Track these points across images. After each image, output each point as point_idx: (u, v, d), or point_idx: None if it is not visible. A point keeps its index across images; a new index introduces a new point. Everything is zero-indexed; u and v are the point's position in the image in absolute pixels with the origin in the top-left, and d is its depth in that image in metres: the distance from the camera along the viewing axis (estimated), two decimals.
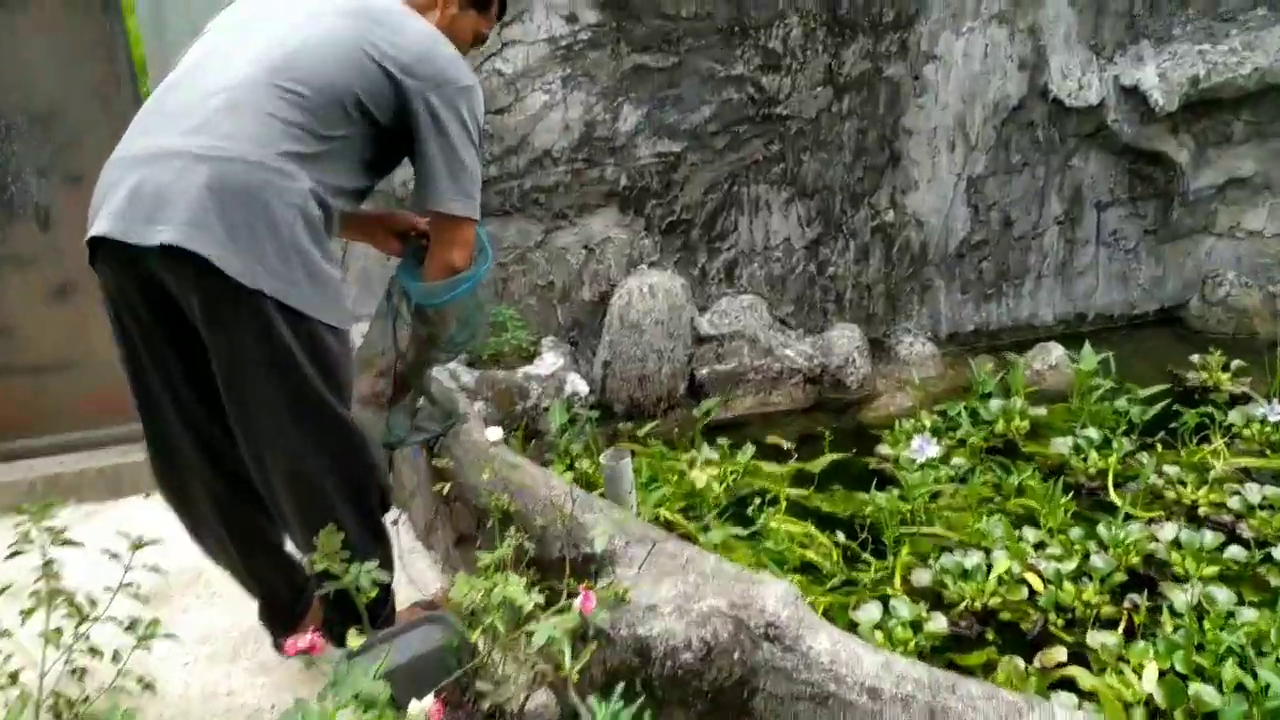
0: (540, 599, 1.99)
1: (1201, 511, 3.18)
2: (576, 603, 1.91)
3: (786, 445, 3.79)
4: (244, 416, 2.16)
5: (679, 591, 2.16)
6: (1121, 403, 3.65)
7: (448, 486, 2.81)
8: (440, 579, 3.12)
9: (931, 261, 4.42)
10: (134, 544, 1.99)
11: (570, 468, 3.49)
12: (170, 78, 2.24)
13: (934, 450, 3.32)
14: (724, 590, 2.13)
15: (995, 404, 3.78)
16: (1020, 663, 2.55)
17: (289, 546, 2.51)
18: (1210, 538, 2.91)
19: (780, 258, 4.17)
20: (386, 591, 2.46)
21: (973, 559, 2.94)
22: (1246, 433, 3.59)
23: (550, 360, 3.82)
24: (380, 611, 2.42)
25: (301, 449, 2.19)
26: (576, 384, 3.80)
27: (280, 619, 2.54)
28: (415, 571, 3.16)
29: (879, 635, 2.67)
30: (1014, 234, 4.50)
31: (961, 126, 4.29)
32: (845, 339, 4.13)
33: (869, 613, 2.75)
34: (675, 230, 4.06)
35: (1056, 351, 4.17)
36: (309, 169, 2.10)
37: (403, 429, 2.97)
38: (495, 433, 2.69)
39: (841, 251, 4.28)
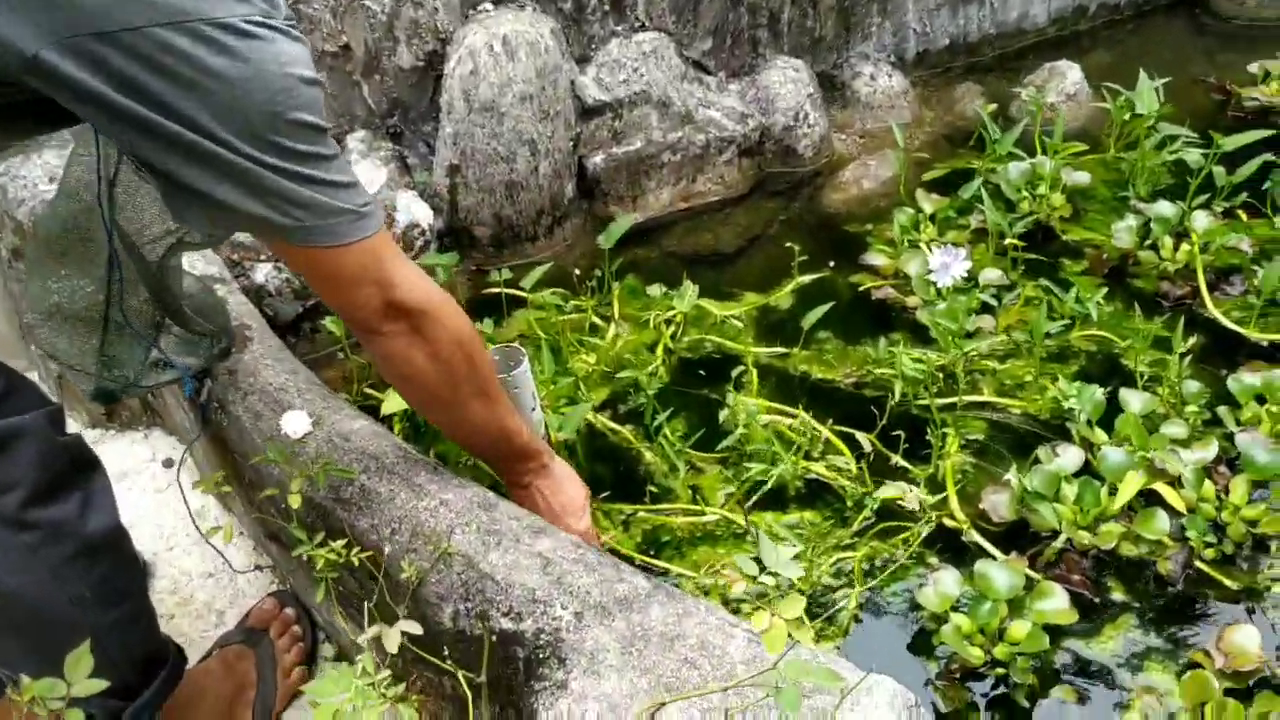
0: None
1: None
2: None
3: (728, 250, 2.71)
4: None
5: None
6: (1191, 154, 2.65)
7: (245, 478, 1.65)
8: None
9: None
10: None
11: None
12: None
13: (963, 265, 2.28)
14: None
15: (1017, 170, 2.73)
16: (1209, 660, 1.68)
17: None
18: None
19: None
20: None
21: (1068, 457, 2.00)
22: None
23: (366, 175, 2.52)
24: None
25: None
26: (413, 209, 2.54)
27: None
28: None
29: (968, 633, 1.75)
30: None
31: None
32: (789, 83, 2.93)
33: (944, 586, 1.81)
34: None
35: (1072, 75, 3.10)
36: None
37: (133, 365, 1.76)
38: (300, 422, 1.49)
39: None
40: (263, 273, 2.34)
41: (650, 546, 2.01)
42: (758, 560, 1.41)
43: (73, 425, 2.48)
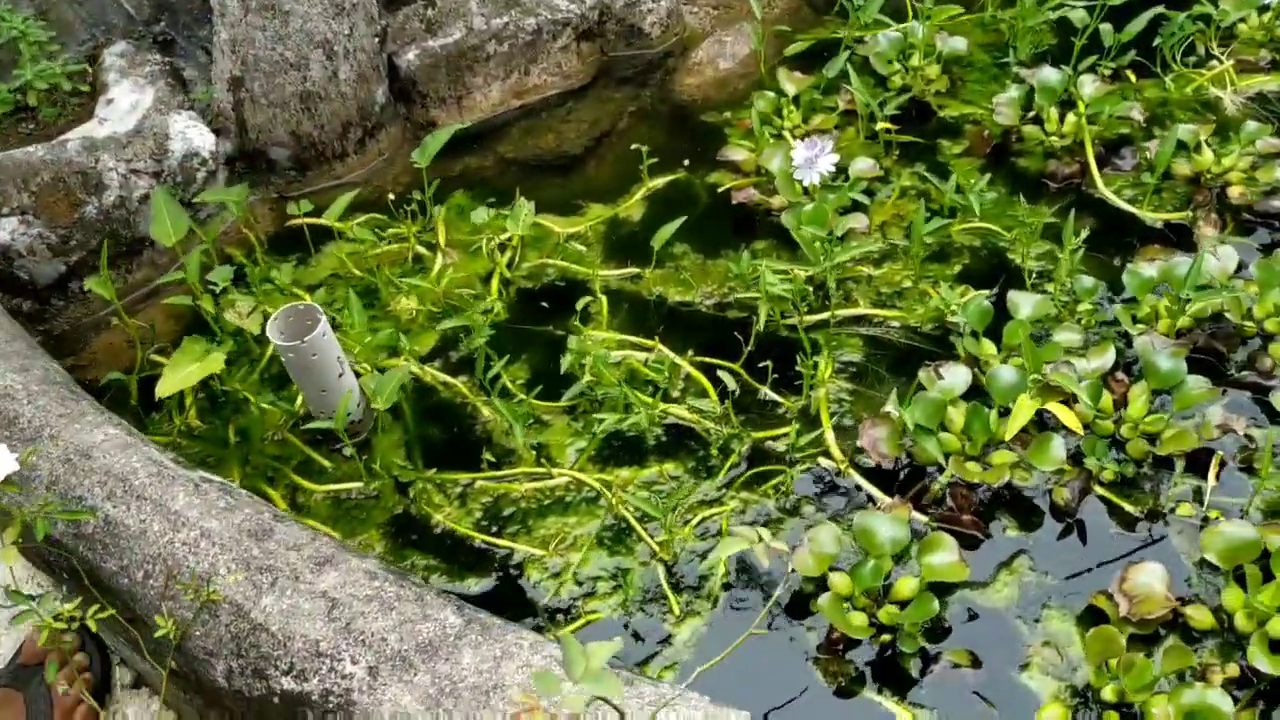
0: None
1: (1236, 195, 2.13)
2: None
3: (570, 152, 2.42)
4: None
5: None
6: (1075, 10, 2.41)
7: None
8: None
9: None
10: None
11: (222, 338, 2.01)
12: None
13: (829, 160, 2.03)
14: None
15: (886, 40, 2.46)
16: (1111, 605, 1.53)
17: None
18: None
19: None
20: None
21: (953, 377, 1.81)
22: (1245, 31, 2.48)
23: (127, 100, 2.14)
24: None
25: None
26: (189, 135, 2.17)
27: None
28: None
29: (849, 594, 1.57)
30: None
31: None
32: None
33: (820, 545, 1.62)
34: None
35: None
36: None
37: None
38: (2, 461, 1.19)
39: None
40: (7, 229, 1.98)
41: (491, 521, 1.78)
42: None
43: None
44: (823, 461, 1.81)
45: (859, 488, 1.77)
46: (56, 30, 2.18)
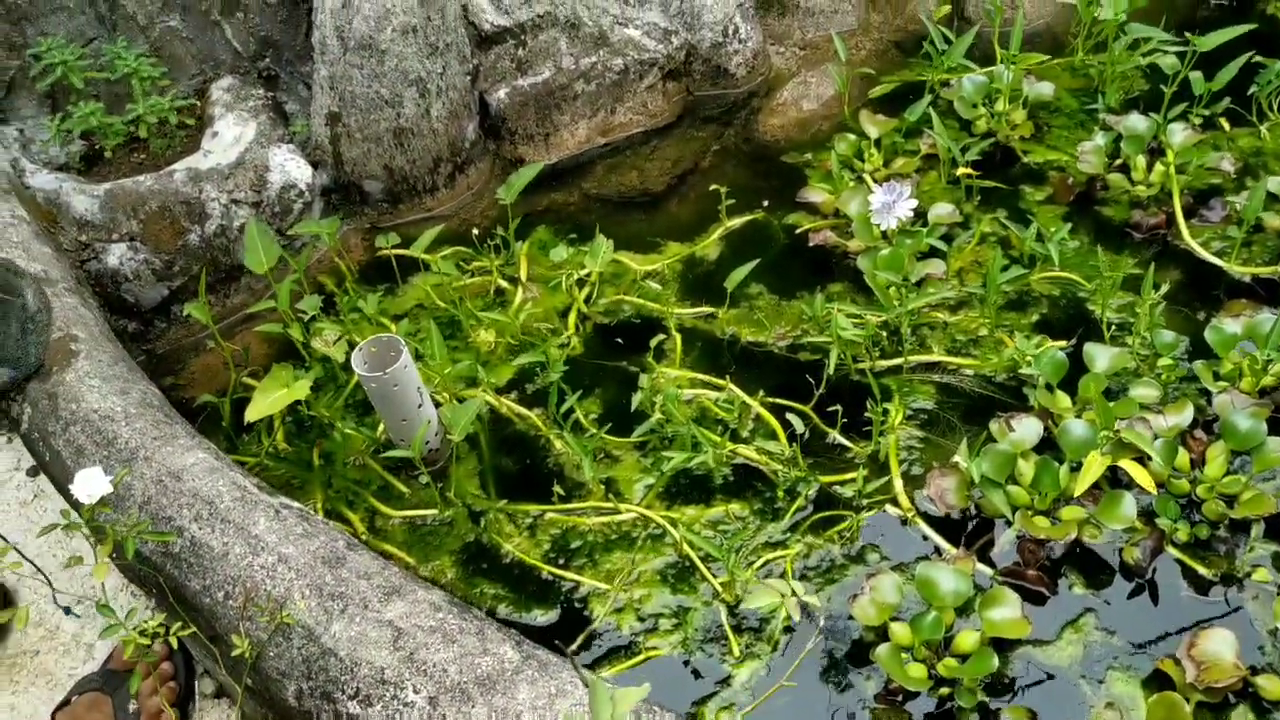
0: None
1: None
2: None
3: (652, 190, 2.46)
4: None
5: None
6: (1166, 57, 2.37)
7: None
8: None
9: None
10: None
11: (310, 364, 2.09)
12: None
13: (907, 205, 2.05)
14: None
15: (971, 84, 2.46)
16: (1179, 670, 1.51)
17: None
18: None
19: None
20: None
21: (1024, 429, 1.80)
22: None
23: (231, 133, 2.24)
24: None
25: None
26: (288, 168, 2.27)
27: None
28: None
29: (909, 645, 1.57)
30: None
31: None
32: None
33: (882, 594, 1.63)
34: None
35: None
36: None
37: None
38: (94, 484, 1.27)
39: None
40: (116, 255, 2.09)
41: (559, 554, 1.82)
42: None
43: None
44: (889, 509, 1.81)
45: (925, 537, 1.77)
46: (168, 66, 2.30)
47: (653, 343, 2.06)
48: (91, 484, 1.25)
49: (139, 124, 2.20)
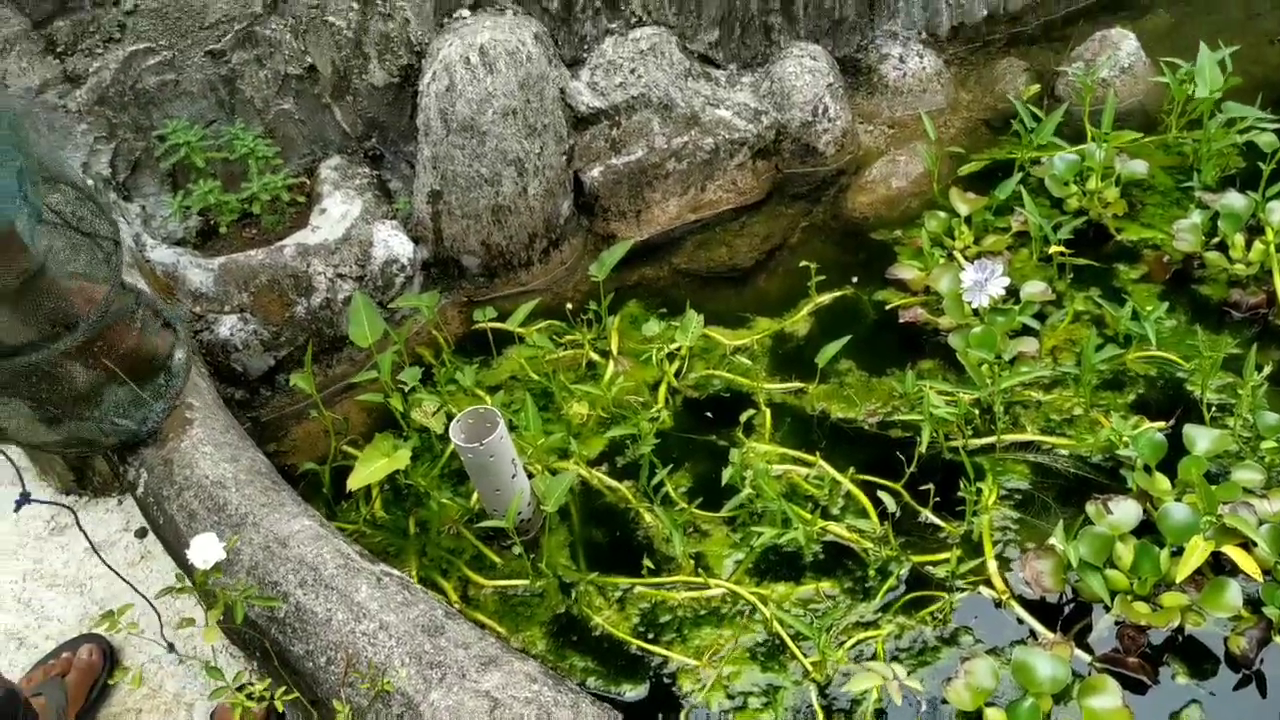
0: None
1: None
2: None
3: (740, 266, 2.49)
4: None
5: None
6: (1263, 134, 2.35)
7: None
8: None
9: None
10: None
11: (408, 434, 2.14)
12: None
13: (1000, 282, 2.04)
14: None
15: (1063, 163, 2.46)
16: None
17: None
18: None
19: None
20: None
21: (1122, 512, 1.76)
22: None
23: (339, 210, 2.34)
24: None
25: None
26: (390, 244, 2.35)
27: None
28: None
29: None
30: None
31: None
32: (806, 73, 2.68)
33: (977, 678, 1.60)
34: None
35: (1126, 45, 2.79)
36: None
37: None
38: (209, 550, 1.32)
39: None
40: (228, 325, 2.18)
41: (649, 628, 1.82)
42: None
43: (44, 492, 2.36)
44: (983, 591, 1.79)
45: (1020, 620, 1.74)
46: (280, 145, 2.41)
47: (742, 417, 2.07)
48: (207, 550, 1.30)
49: (253, 201, 2.31)
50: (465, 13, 2.44)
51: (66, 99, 2.21)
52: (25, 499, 1.67)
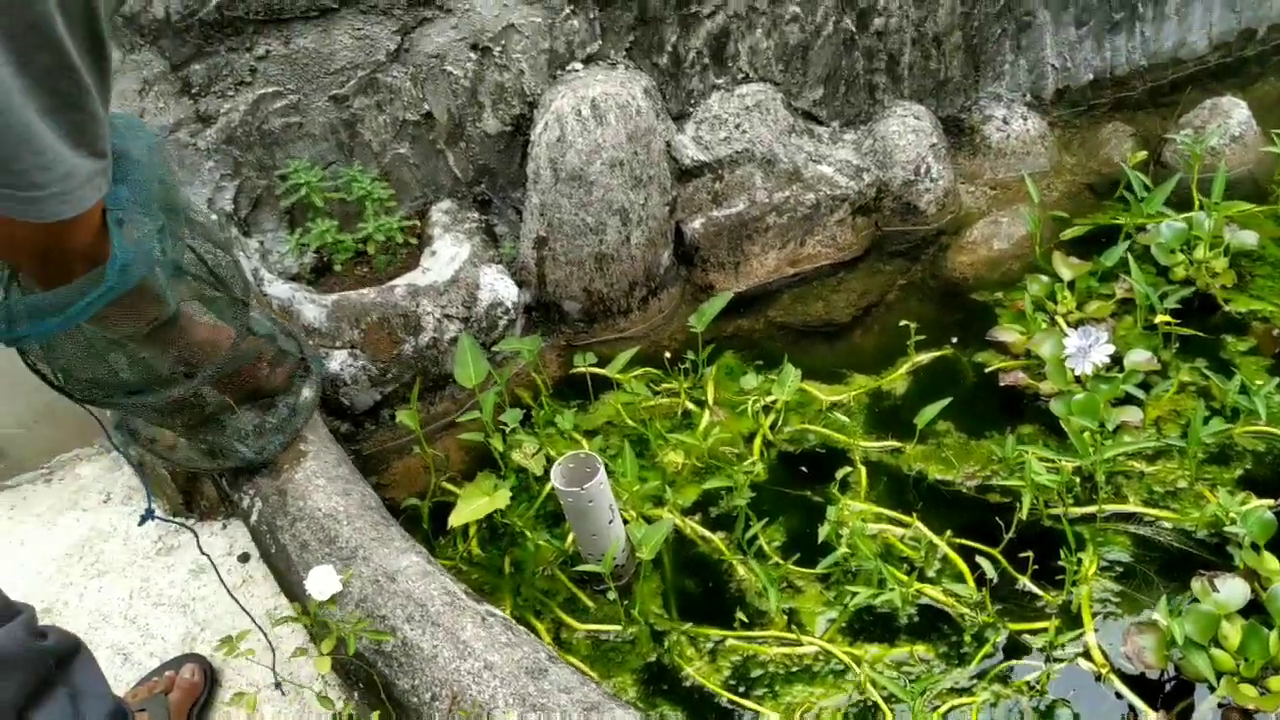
0: None
1: None
2: None
3: (837, 321, 2.49)
4: None
5: None
6: None
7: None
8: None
9: None
10: None
11: (506, 474, 2.19)
12: None
13: (1104, 350, 2.03)
14: None
15: (1170, 231, 2.43)
16: None
17: None
18: None
19: (797, 14, 2.65)
20: None
21: (1229, 591, 1.72)
22: None
23: (448, 252, 2.40)
24: None
25: None
26: (498, 287, 2.41)
27: None
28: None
29: None
30: None
31: None
32: (910, 132, 2.69)
33: None
34: None
35: (1237, 114, 2.77)
36: None
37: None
38: (327, 582, 1.36)
39: None
40: (338, 360, 2.25)
41: (740, 681, 1.82)
42: None
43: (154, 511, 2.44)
44: (1082, 663, 1.76)
45: (1119, 695, 1.70)
46: (394, 188, 2.50)
47: (839, 474, 2.08)
48: (324, 581, 1.34)
49: (368, 241, 2.39)
50: (578, 66, 2.50)
51: (197, 138, 2.31)
52: (150, 515, 1.74)
